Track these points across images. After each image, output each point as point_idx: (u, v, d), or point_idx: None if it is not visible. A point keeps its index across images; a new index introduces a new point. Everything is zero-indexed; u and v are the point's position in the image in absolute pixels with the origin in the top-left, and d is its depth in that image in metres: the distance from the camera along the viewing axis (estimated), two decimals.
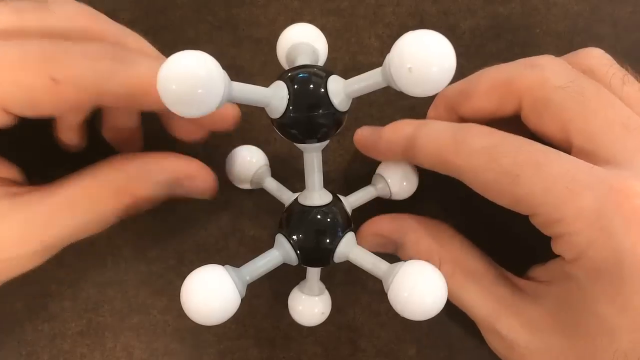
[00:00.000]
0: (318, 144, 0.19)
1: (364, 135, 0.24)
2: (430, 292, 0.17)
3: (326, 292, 0.25)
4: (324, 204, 0.20)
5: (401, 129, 0.23)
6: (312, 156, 0.20)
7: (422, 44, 0.15)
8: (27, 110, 0.20)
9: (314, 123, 0.18)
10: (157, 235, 0.27)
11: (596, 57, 0.22)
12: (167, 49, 0.27)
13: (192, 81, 0.15)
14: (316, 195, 0.20)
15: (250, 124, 0.27)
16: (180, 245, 0.27)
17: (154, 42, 0.27)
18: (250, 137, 0.27)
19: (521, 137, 0.20)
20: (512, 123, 0.22)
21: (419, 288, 0.17)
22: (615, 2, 0.29)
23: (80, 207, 0.21)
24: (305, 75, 0.18)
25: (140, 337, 0.26)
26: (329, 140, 0.19)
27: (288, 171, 0.26)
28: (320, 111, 0.18)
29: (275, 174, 0.25)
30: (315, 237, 0.20)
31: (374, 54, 0.28)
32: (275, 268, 0.21)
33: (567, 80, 0.21)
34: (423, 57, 0.15)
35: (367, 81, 0.18)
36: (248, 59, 0.27)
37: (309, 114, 0.18)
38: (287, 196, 0.24)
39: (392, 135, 0.23)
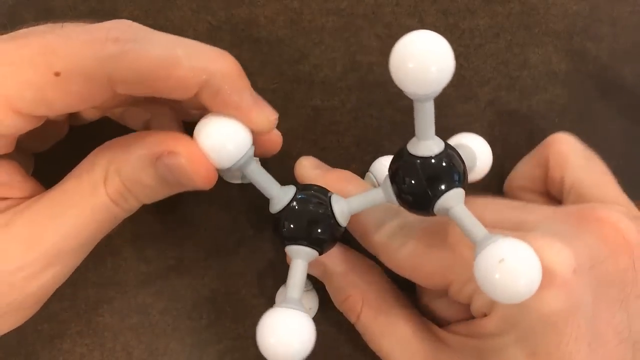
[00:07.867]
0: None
1: (308, 168, 0.25)
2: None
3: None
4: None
5: (346, 185, 0.23)
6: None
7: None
8: (40, 109, 0.18)
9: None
10: (156, 235, 0.27)
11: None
12: None
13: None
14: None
15: None
16: (180, 245, 0.27)
17: None
18: None
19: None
20: None
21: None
22: (614, 2, 0.29)
23: (63, 208, 0.19)
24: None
25: (139, 337, 0.26)
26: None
27: (286, 171, 0.26)
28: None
29: (273, 175, 0.25)
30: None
31: (374, 54, 0.28)
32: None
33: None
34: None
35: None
36: (248, 59, 0.27)
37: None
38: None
39: (335, 185, 0.23)
